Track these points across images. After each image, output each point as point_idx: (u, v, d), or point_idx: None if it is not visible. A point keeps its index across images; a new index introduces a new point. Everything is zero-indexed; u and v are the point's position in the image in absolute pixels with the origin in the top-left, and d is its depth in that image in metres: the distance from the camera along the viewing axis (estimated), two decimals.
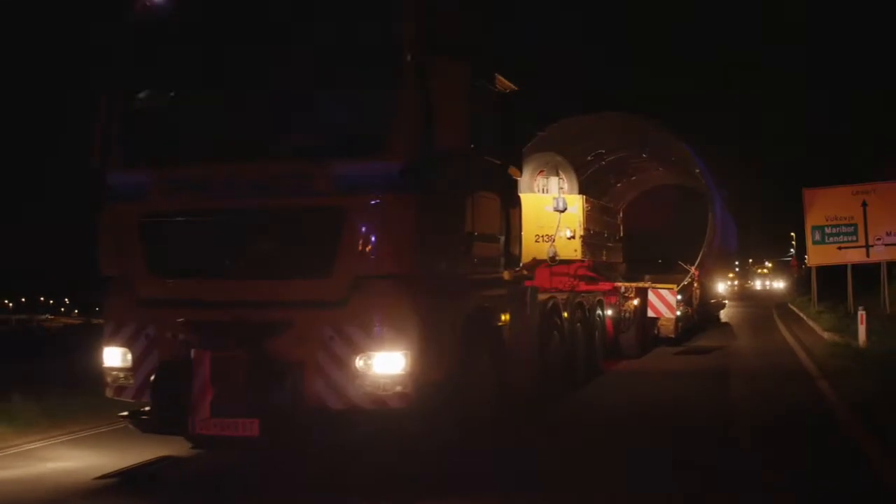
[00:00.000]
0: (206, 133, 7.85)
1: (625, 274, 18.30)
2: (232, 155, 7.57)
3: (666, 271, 19.89)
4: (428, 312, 7.43)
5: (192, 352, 7.26)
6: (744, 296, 56.99)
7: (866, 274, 22.70)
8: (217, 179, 7.54)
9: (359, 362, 7.20)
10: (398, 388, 7.18)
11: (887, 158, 27.84)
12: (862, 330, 16.79)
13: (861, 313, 17.09)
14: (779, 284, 70.33)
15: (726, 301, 30.53)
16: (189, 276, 7.67)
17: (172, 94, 8.15)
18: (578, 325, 13.27)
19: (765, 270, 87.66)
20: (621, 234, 17.87)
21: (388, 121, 7.30)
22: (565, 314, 12.45)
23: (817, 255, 21.84)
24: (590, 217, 14.94)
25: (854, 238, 20.58)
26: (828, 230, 21.08)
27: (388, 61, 7.32)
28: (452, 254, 8.10)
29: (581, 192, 15.88)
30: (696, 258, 20.20)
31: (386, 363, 7.19)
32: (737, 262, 49.09)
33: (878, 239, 20.22)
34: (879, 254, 20.41)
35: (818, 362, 15.50)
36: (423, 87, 7.31)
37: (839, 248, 20.78)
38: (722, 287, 28.14)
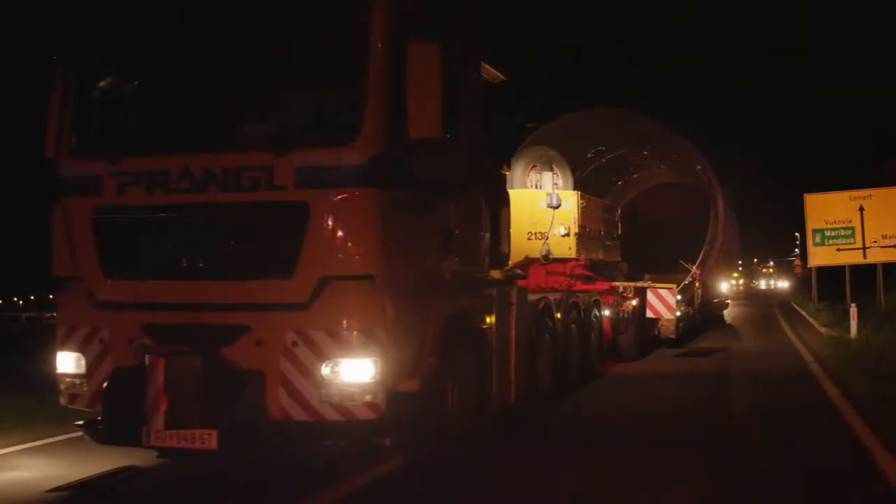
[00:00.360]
0: (162, 123, 7.31)
1: (627, 273, 17.83)
2: (188, 146, 7.04)
3: (667, 270, 19.46)
4: (400, 316, 6.90)
5: (146, 358, 6.75)
6: (749, 295, 56.89)
7: (867, 274, 23.58)
8: (172, 172, 7.00)
9: (324, 370, 6.67)
10: (367, 398, 6.65)
11: (887, 158, 28.57)
12: (853, 324, 18.66)
13: (853, 310, 18.89)
14: (783, 284, 70.46)
15: (729, 301, 30.03)
16: (145, 276, 7.17)
17: (136, 82, 7.66)
18: (573, 326, 12.77)
19: (769, 270, 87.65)
20: (619, 231, 17.32)
21: (355, 109, 6.73)
22: (558, 315, 11.93)
23: (817, 257, 23.04)
24: (585, 214, 14.35)
25: (852, 241, 21.68)
26: (827, 233, 22.33)
27: (356, 44, 6.77)
28: (429, 252, 7.55)
29: (582, 190, 15.39)
30: (698, 257, 19.77)
31: (354, 371, 6.65)
32: (740, 262, 48.73)
33: (874, 241, 21.38)
34: (875, 255, 21.64)
35: (817, 357, 16.42)
36: (395, 73, 6.77)
37: (838, 250, 21.78)
38: (725, 286, 27.77)
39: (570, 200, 13.82)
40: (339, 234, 6.68)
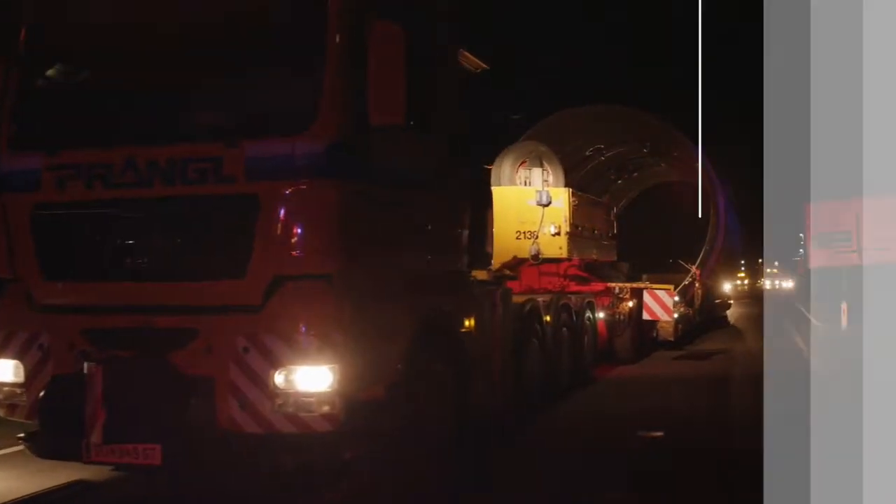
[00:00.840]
0: (104, 113, 6.74)
1: (627, 273, 17.31)
2: (130, 137, 6.48)
3: (667, 270, 19.02)
4: (362, 318, 6.32)
5: (85, 365, 6.20)
6: (753, 295, 56.61)
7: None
8: (116, 165, 6.43)
9: (278, 378, 6.07)
10: (325, 409, 6.06)
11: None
12: (843, 317, 21.04)
13: (843, 305, 21.26)
14: (788, 284, 70.27)
15: (731, 301, 29.53)
16: (86, 278, 6.61)
17: (78, 70, 7.12)
18: (564, 329, 12.22)
19: (774, 270, 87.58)
20: (615, 230, 16.75)
21: (310, 93, 6.13)
22: (547, 318, 11.37)
23: (817, 259, 23.68)
24: (577, 212, 13.70)
25: (849, 244, 22.20)
26: (826, 237, 22.76)
27: (313, 22, 6.20)
28: (396, 250, 6.95)
29: (580, 188, 14.82)
30: (698, 257, 19.32)
31: (309, 379, 6.06)
32: (743, 262, 48.37)
33: (869, 245, 21.96)
34: (870, 258, 22.27)
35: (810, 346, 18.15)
36: (355, 54, 6.21)
37: (836, 253, 23.01)
38: (728, 287, 27.33)
39: (561, 198, 13.21)
40: (294, 229, 6.09)
